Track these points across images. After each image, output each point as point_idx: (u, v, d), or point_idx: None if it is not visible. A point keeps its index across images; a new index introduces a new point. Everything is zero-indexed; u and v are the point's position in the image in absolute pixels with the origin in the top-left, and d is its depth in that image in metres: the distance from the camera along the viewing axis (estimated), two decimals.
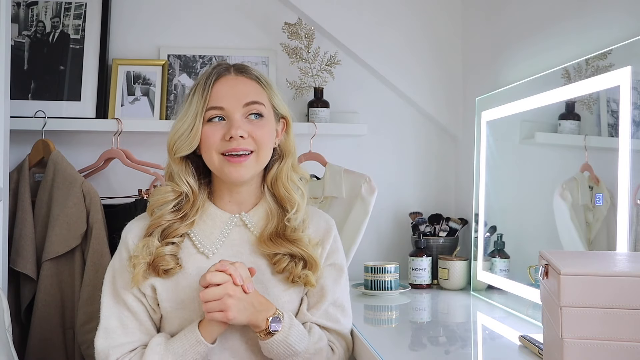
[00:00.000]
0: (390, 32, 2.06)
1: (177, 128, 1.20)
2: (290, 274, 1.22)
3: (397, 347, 1.30)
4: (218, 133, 1.18)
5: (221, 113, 1.18)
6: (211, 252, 1.22)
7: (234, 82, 1.20)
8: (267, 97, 1.23)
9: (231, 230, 1.25)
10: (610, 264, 0.80)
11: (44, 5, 1.97)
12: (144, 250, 1.17)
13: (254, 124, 1.20)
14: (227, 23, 2.06)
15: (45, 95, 1.93)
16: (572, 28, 1.43)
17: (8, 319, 1.38)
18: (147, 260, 1.17)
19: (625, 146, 1.12)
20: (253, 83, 1.22)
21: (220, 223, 1.25)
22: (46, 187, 1.70)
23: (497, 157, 1.70)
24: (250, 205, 1.27)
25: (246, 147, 1.18)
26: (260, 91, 1.22)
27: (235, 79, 1.21)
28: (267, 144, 1.22)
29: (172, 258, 1.18)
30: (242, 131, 1.17)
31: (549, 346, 0.85)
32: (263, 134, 1.20)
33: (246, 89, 1.20)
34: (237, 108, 1.18)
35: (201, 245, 1.22)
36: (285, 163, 1.27)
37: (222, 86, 1.19)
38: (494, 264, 1.66)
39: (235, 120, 1.18)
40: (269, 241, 1.22)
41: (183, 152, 1.20)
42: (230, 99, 1.18)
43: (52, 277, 1.64)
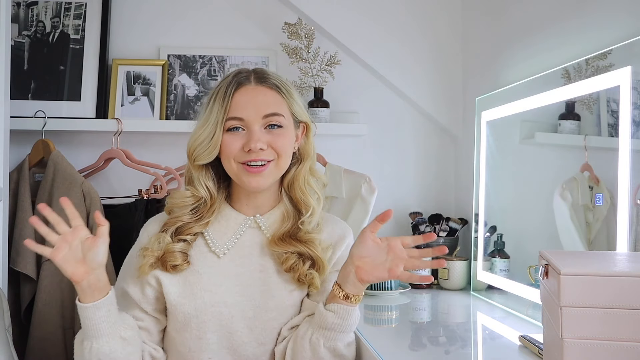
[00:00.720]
0: (390, 32, 2.06)
1: (198, 135, 1.21)
2: (296, 273, 1.22)
3: (397, 347, 1.30)
4: (237, 143, 1.19)
5: (241, 124, 1.19)
6: (222, 252, 1.24)
7: (254, 93, 1.21)
8: (286, 106, 1.23)
9: (244, 232, 1.26)
10: (610, 264, 0.80)
11: (44, 5, 1.97)
12: (155, 244, 1.20)
13: (273, 133, 1.20)
14: (227, 23, 2.06)
15: (45, 95, 1.93)
16: (572, 28, 1.43)
17: (8, 319, 1.38)
18: (156, 254, 1.20)
19: (625, 146, 1.12)
20: (273, 93, 1.22)
21: (234, 224, 1.26)
22: (46, 187, 1.70)
23: (497, 157, 1.70)
24: (267, 208, 1.29)
25: (265, 158, 1.19)
26: (280, 101, 1.22)
27: (255, 89, 1.21)
28: (287, 152, 1.23)
29: (181, 255, 1.21)
30: (261, 144, 1.18)
31: (549, 346, 0.85)
32: (283, 144, 1.21)
33: (266, 99, 1.21)
34: (256, 119, 1.19)
35: (213, 244, 1.24)
36: (303, 166, 1.28)
37: (242, 96, 1.20)
38: (494, 264, 1.66)
39: (255, 132, 1.19)
40: (279, 241, 1.23)
41: (203, 161, 1.22)
42: (250, 110, 1.19)
43: (52, 277, 1.64)
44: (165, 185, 1.79)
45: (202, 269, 1.22)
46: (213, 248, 1.24)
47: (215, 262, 1.23)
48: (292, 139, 1.24)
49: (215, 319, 1.19)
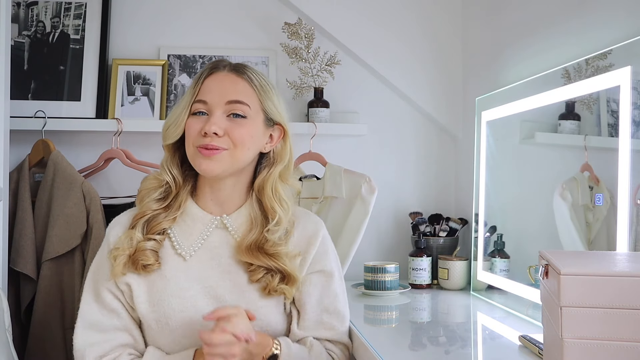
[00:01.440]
0: (391, 32, 2.06)
1: (169, 117, 1.22)
2: (266, 286, 1.20)
3: (397, 347, 1.30)
4: (197, 126, 1.18)
5: (204, 107, 1.19)
6: (189, 254, 1.21)
7: (223, 78, 1.20)
8: (256, 99, 1.21)
9: (211, 233, 1.24)
10: (610, 264, 0.80)
11: (44, 5, 1.97)
12: (126, 242, 1.18)
13: (234, 122, 1.18)
14: (227, 23, 2.06)
15: (45, 95, 1.92)
16: (572, 28, 1.43)
17: (8, 319, 1.38)
18: (127, 252, 1.17)
19: (625, 146, 1.12)
20: (243, 82, 1.21)
21: (200, 225, 1.24)
22: (46, 187, 1.70)
23: (497, 157, 1.70)
24: (234, 207, 1.26)
25: (219, 145, 1.17)
26: (250, 92, 1.20)
27: (225, 75, 1.21)
28: (245, 145, 1.19)
29: (152, 254, 1.18)
30: (216, 128, 1.16)
31: (549, 346, 0.85)
32: (241, 134, 1.18)
33: (233, 87, 1.20)
34: (219, 104, 1.18)
35: (179, 246, 1.22)
36: (273, 171, 1.25)
37: (211, 81, 1.20)
38: (494, 264, 1.66)
39: (214, 116, 1.17)
40: (247, 251, 1.20)
41: (169, 141, 1.21)
42: (215, 94, 1.18)
43: (52, 277, 1.64)
44: None
45: (169, 273, 1.19)
46: (179, 250, 1.21)
47: (181, 265, 1.20)
48: (255, 134, 1.21)
49: (186, 323, 1.17)
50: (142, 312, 1.18)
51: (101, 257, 1.24)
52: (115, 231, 1.23)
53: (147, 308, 1.18)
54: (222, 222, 1.24)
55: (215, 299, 1.19)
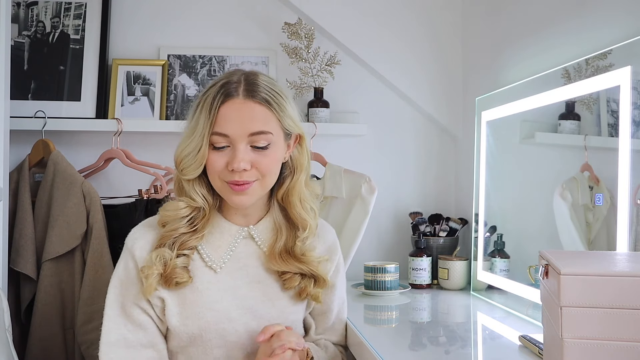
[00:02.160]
0: (391, 32, 2.06)
1: (185, 146, 1.16)
2: (301, 292, 1.23)
3: (397, 347, 1.30)
4: (222, 160, 1.14)
5: (226, 141, 1.14)
6: (219, 266, 1.21)
7: (241, 108, 1.13)
8: (276, 121, 1.16)
9: (239, 244, 1.24)
10: (610, 264, 0.80)
11: (44, 5, 1.97)
12: (158, 261, 1.15)
13: (259, 153, 1.15)
14: (227, 23, 2.06)
15: (45, 95, 1.93)
16: (572, 28, 1.43)
17: (8, 319, 1.38)
18: (160, 271, 1.15)
19: (625, 146, 1.12)
20: (262, 108, 1.14)
21: (228, 236, 1.24)
22: (46, 187, 1.70)
23: (497, 157, 1.70)
24: (257, 217, 1.26)
25: (249, 179, 1.15)
26: (269, 117, 1.15)
27: (242, 103, 1.14)
28: (273, 171, 1.19)
29: (184, 270, 1.17)
30: (245, 164, 1.13)
31: (549, 346, 0.85)
32: (268, 164, 1.16)
33: (253, 115, 1.14)
34: (242, 137, 1.13)
35: (209, 259, 1.22)
36: (297, 179, 1.23)
37: (228, 110, 1.13)
38: (494, 264, 1.66)
39: (239, 151, 1.13)
40: (279, 258, 1.21)
41: (190, 176, 1.17)
42: (236, 127, 1.13)
43: (52, 277, 1.64)
44: (165, 185, 1.79)
45: (201, 286, 1.19)
46: (209, 263, 1.21)
47: (213, 278, 1.20)
48: (280, 155, 1.19)
49: (220, 335, 1.18)
50: (174, 325, 1.18)
51: (126, 272, 1.20)
52: (140, 246, 1.20)
53: (179, 321, 1.17)
54: (249, 233, 1.25)
55: (248, 309, 1.20)
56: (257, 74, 1.20)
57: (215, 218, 1.24)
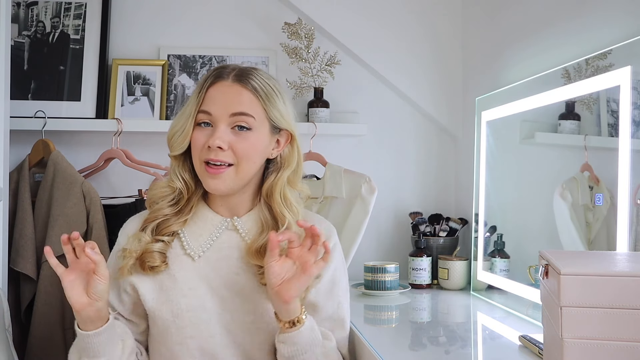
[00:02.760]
0: (391, 32, 2.06)
1: (173, 126, 1.20)
2: None
3: (397, 347, 1.30)
4: (203, 137, 1.16)
5: (209, 119, 1.16)
6: (197, 254, 1.21)
7: (227, 89, 1.16)
8: (261, 109, 1.17)
9: (221, 234, 1.23)
10: (610, 264, 0.80)
11: (44, 5, 1.97)
12: (135, 243, 1.19)
13: (239, 135, 1.16)
14: (227, 23, 2.06)
15: (45, 95, 1.92)
16: (572, 28, 1.43)
17: (8, 319, 1.38)
18: (135, 254, 1.18)
19: (625, 146, 1.12)
20: (247, 93, 1.16)
21: (210, 226, 1.24)
22: (46, 187, 1.70)
23: (497, 157, 1.70)
24: (244, 210, 1.25)
25: (224, 159, 1.15)
26: (255, 102, 1.17)
27: (230, 85, 1.16)
28: (250, 157, 1.18)
29: (159, 255, 1.19)
30: (220, 141, 1.14)
31: (549, 346, 0.85)
32: (245, 147, 1.16)
33: (238, 98, 1.16)
34: (223, 116, 1.15)
35: (188, 246, 1.22)
36: (281, 176, 1.23)
37: (215, 91, 1.17)
38: (494, 264, 1.66)
39: (219, 129, 1.15)
40: (257, 253, 1.19)
41: (176, 151, 1.20)
42: (219, 106, 1.15)
43: (52, 277, 1.64)
44: None
45: (177, 273, 1.20)
46: (188, 250, 1.21)
47: (190, 265, 1.21)
48: (260, 144, 1.19)
49: (193, 324, 1.18)
50: (149, 307, 1.20)
51: (111, 258, 1.26)
52: (128, 229, 1.25)
53: (154, 306, 1.19)
54: (232, 224, 1.24)
55: (222, 300, 1.19)
56: (257, 69, 1.22)
57: (200, 206, 1.25)
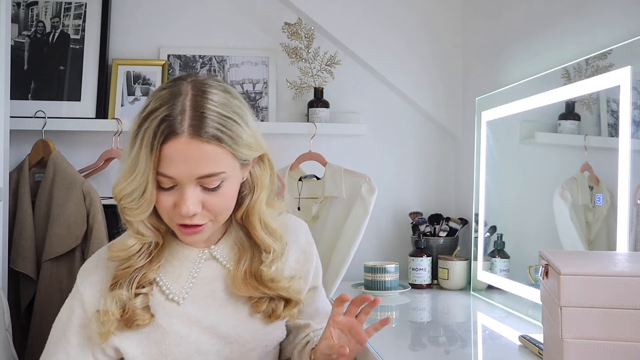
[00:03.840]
0: (391, 32, 2.06)
1: (125, 184, 1.00)
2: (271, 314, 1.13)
3: (397, 347, 1.30)
4: (170, 200, 1.00)
5: (172, 182, 0.99)
6: (181, 297, 1.10)
7: (186, 148, 0.96)
8: (230, 157, 1.00)
9: (201, 268, 1.12)
10: (610, 264, 0.80)
11: (44, 5, 1.97)
12: (113, 305, 1.04)
13: (211, 194, 1.00)
14: (227, 23, 2.06)
15: (45, 95, 1.92)
16: (572, 28, 1.43)
17: (8, 319, 1.38)
18: (117, 316, 1.04)
19: (625, 146, 1.12)
20: (211, 147, 0.97)
21: (187, 262, 1.11)
22: (46, 187, 1.70)
23: (497, 157, 1.70)
24: (218, 235, 1.15)
25: (200, 221, 1.02)
26: (221, 155, 0.98)
27: (188, 143, 0.96)
28: (227, 208, 1.05)
29: (145, 311, 1.06)
30: (194, 207, 0.99)
31: (549, 346, 0.85)
32: (221, 203, 1.02)
33: (201, 157, 0.97)
34: (189, 180, 0.98)
35: (169, 291, 1.10)
36: (257, 199, 1.09)
37: (171, 151, 0.96)
38: (494, 264, 1.66)
39: (186, 194, 0.98)
40: (244, 283, 1.10)
41: (138, 218, 1.02)
42: (181, 169, 0.97)
43: (52, 277, 1.64)
44: None
45: (164, 322, 1.08)
46: (170, 296, 1.09)
47: (176, 311, 1.09)
48: (235, 188, 1.05)
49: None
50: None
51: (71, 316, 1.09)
52: (90, 289, 1.08)
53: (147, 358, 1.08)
54: (211, 254, 1.13)
55: (219, 337, 1.11)
56: (205, 93, 1.00)
57: (172, 244, 1.11)
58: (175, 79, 1.03)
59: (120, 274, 1.06)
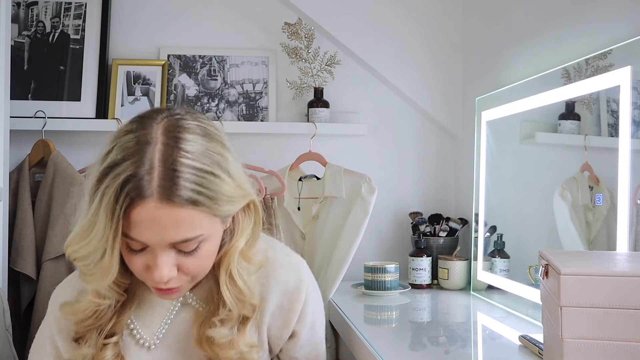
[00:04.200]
0: (391, 32, 2.05)
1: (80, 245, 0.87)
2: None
3: (397, 347, 1.30)
4: (139, 261, 0.88)
5: (141, 245, 0.86)
6: (153, 343, 1.00)
7: (156, 214, 0.82)
8: (208, 217, 0.86)
9: (175, 315, 1.02)
10: (610, 264, 0.80)
11: (44, 5, 1.97)
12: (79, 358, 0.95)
13: (187, 256, 0.88)
14: (227, 23, 2.06)
15: (45, 95, 1.92)
16: (572, 28, 1.43)
17: (8, 319, 1.38)
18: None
19: (625, 146, 1.12)
20: (185, 211, 0.83)
21: (161, 309, 1.02)
22: (46, 187, 1.70)
23: (497, 157, 1.70)
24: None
25: (176, 285, 0.90)
26: (197, 217, 0.85)
27: (158, 208, 0.81)
28: (205, 267, 0.93)
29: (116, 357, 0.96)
30: (168, 274, 0.87)
31: (549, 346, 0.85)
32: (199, 264, 0.90)
33: (174, 222, 0.83)
34: (161, 245, 0.85)
35: (140, 336, 1.00)
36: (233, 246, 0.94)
37: (138, 216, 0.82)
38: (494, 264, 1.66)
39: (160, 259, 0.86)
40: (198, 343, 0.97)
41: (95, 285, 0.90)
42: (152, 235, 0.84)
43: (52, 277, 1.64)
44: None
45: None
46: (142, 341, 1.00)
47: (146, 356, 1.00)
48: (215, 245, 0.92)
49: None
50: None
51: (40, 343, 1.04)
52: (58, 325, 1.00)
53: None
54: (185, 300, 1.02)
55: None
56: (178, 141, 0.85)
57: (142, 290, 1.00)
58: (144, 117, 0.90)
59: (81, 329, 0.95)
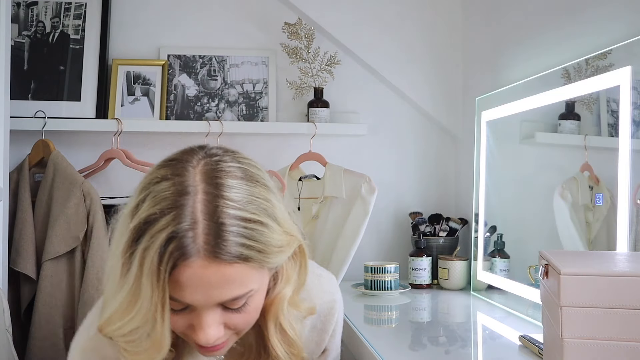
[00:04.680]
0: (390, 32, 2.06)
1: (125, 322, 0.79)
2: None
3: (397, 347, 1.30)
4: (182, 322, 0.81)
5: (184, 305, 0.79)
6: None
7: (203, 274, 0.75)
8: (258, 271, 0.80)
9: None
10: (610, 264, 0.80)
11: (44, 5, 1.97)
12: None
13: (234, 313, 0.82)
14: (227, 23, 2.06)
15: (45, 95, 1.92)
16: (572, 28, 1.43)
17: (8, 319, 1.38)
18: None
19: (625, 146, 1.12)
20: (234, 269, 0.76)
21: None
22: (46, 187, 1.70)
23: (497, 157, 1.70)
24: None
25: (221, 342, 0.83)
26: (247, 273, 0.78)
27: (205, 267, 0.75)
28: (253, 321, 0.86)
29: None
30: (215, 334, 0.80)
31: (549, 346, 0.85)
32: (246, 320, 0.84)
33: (224, 280, 0.77)
34: (208, 304, 0.79)
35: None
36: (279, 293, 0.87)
37: (184, 277, 0.75)
38: (494, 264, 1.66)
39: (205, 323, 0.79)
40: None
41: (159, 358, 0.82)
42: (198, 296, 0.77)
43: (52, 277, 1.64)
44: None
45: None
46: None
47: None
48: (262, 297, 0.85)
49: None
50: None
51: None
52: None
53: None
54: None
55: None
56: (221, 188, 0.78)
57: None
58: (178, 160, 0.84)
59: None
